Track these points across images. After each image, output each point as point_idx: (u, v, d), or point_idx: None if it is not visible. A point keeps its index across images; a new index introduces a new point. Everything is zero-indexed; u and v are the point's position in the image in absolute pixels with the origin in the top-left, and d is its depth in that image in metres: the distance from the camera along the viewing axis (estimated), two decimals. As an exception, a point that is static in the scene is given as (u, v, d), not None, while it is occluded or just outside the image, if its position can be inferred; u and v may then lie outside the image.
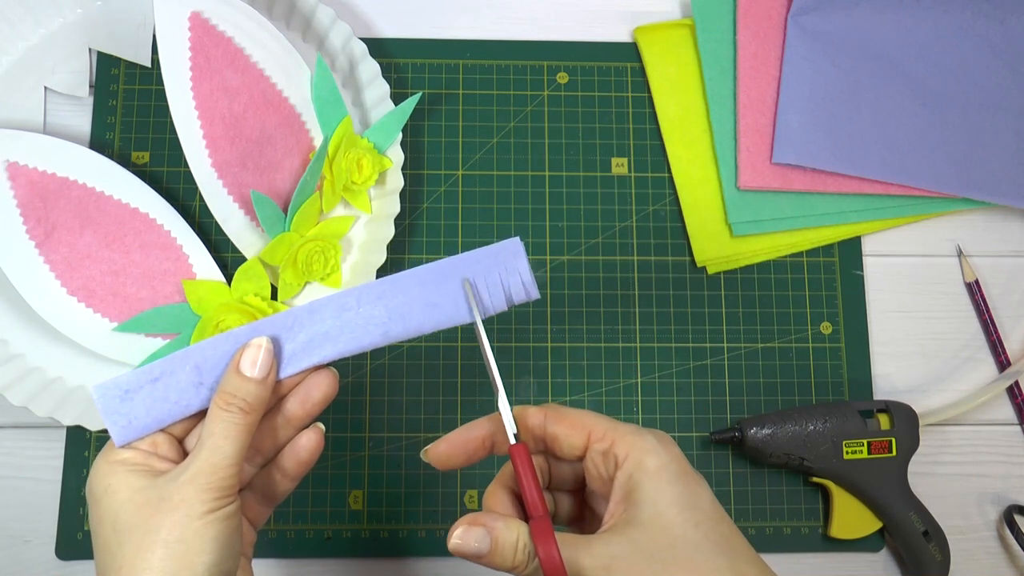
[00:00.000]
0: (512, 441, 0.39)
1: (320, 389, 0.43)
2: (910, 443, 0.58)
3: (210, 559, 0.38)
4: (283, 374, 0.42)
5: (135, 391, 0.41)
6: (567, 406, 0.42)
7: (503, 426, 0.40)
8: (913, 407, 0.59)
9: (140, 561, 0.37)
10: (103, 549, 0.39)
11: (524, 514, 0.39)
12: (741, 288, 0.63)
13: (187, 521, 0.38)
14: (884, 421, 0.58)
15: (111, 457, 0.40)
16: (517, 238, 0.43)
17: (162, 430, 0.41)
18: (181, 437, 0.42)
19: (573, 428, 0.40)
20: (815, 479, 0.59)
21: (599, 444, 0.39)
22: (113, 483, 0.39)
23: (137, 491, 0.39)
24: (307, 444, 0.44)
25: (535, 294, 0.43)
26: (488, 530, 0.37)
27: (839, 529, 0.58)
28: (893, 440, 0.58)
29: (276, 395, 0.42)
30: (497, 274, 0.43)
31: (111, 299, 0.58)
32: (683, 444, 0.61)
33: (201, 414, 0.42)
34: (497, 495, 0.40)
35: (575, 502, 0.43)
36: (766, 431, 0.58)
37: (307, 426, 0.44)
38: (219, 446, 0.39)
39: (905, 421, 0.58)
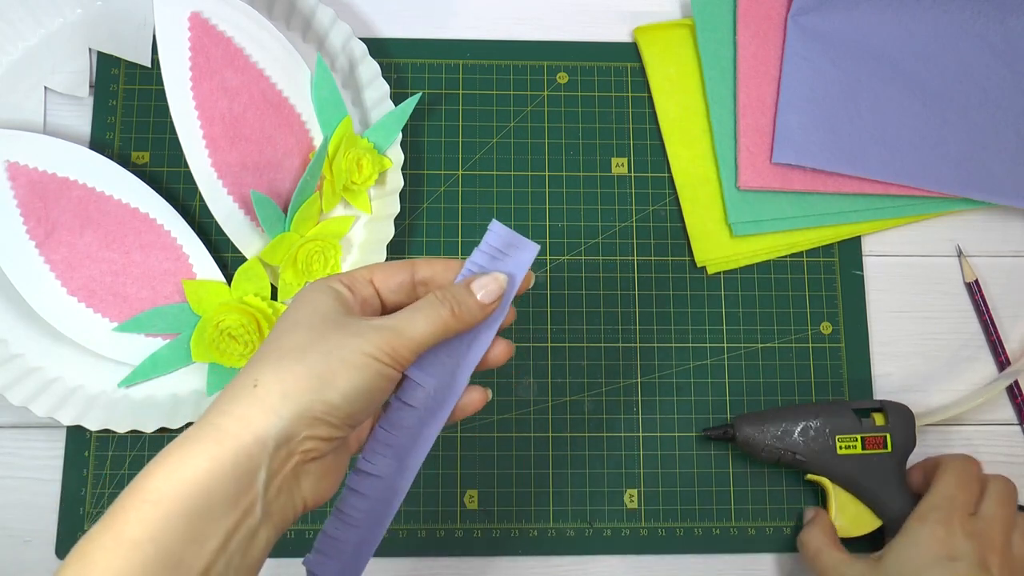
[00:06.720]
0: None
1: (473, 405, 0.45)
2: (906, 440, 0.58)
3: (351, 388, 0.39)
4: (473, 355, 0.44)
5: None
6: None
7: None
8: (913, 407, 0.59)
9: (295, 348, 0.39)
10: (273, 330, 0.41)
11: None
12: (741, 288, 0.63)
13: (354, 352, 0.39)
14: (879, 419, 0.58)
15: (328, 282, 0.42)
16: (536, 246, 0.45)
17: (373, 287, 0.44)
18: (386, 298, 0.44)
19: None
20: (811, 477, 0.59)
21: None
22: (317, 297, 0.41)
23: (330, 308, 0.41)
24: (475, 398, 0.46)
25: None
26: None
27: (838, 528, 0.58)
28: (888, 436, 0.58)
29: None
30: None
31: (111, 299, 0.58)
32: (682, 444, 0.61)
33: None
34: None
35: None
36: (759, 426, 0.58)
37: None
38: (416, 320, 0.41)
39: (900, 418, 0.58)
